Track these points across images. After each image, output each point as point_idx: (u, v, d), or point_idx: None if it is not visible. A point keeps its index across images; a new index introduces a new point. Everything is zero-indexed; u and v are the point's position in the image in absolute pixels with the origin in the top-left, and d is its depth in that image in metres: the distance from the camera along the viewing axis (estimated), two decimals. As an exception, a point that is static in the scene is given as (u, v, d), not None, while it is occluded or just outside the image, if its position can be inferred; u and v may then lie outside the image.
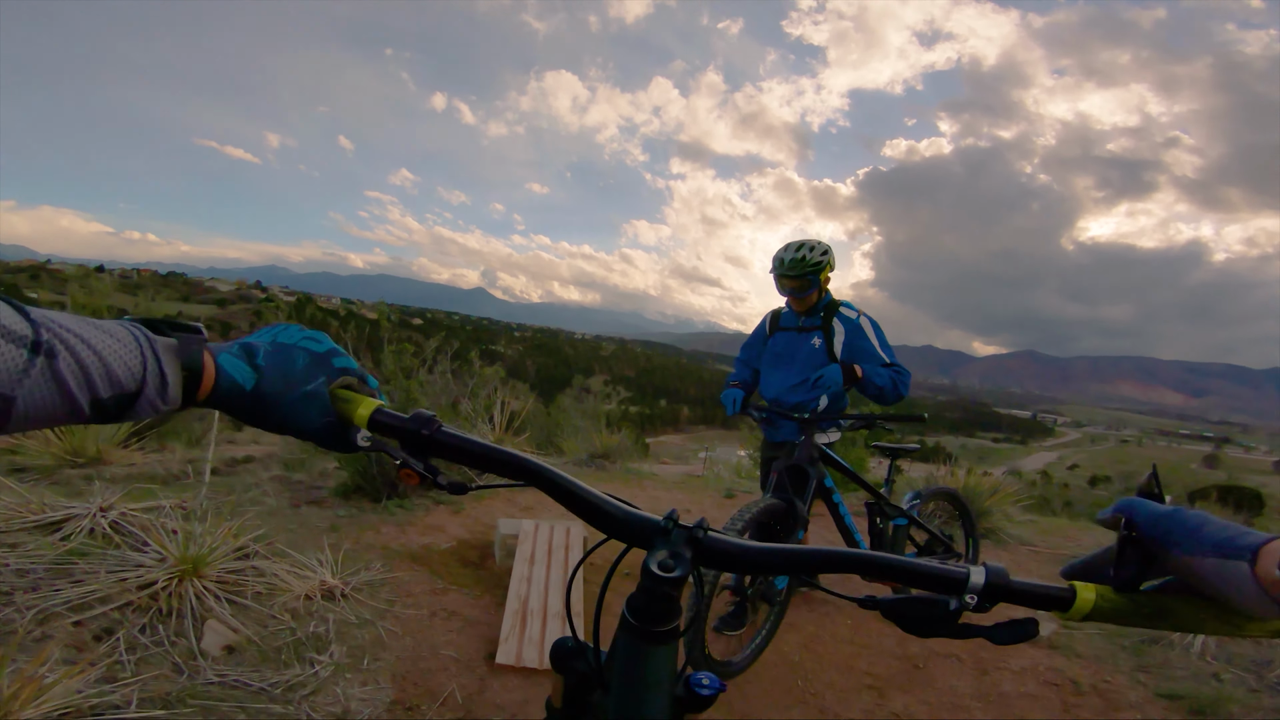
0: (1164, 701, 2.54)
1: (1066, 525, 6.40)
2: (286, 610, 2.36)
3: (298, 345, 0.64)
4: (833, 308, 2.92)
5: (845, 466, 2.80)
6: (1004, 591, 0.56)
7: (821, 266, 2.79)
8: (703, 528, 0.61)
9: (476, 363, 5.39)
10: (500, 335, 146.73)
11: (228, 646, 2.10)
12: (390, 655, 2.31)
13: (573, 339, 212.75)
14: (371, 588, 2.71)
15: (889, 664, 2.76)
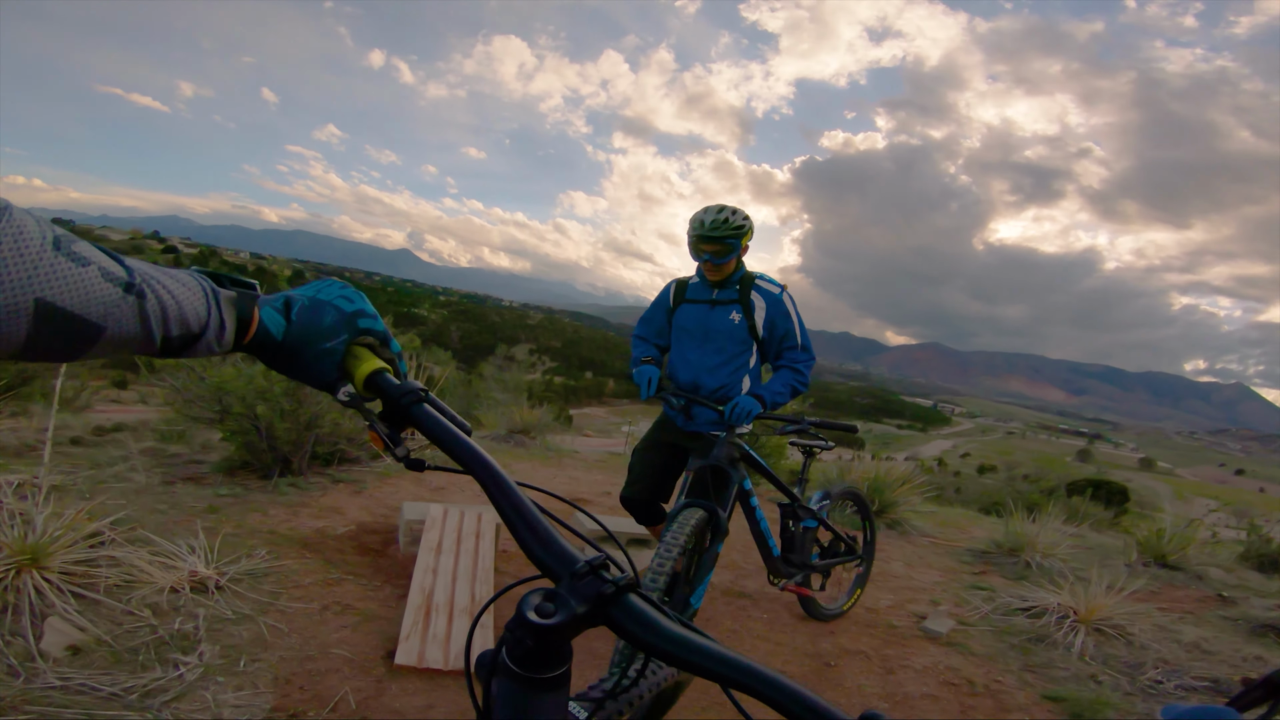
0: (1049, 704, 2.64)
1: (960, 516, 6.75)
2: (146, 605, 2.09)
3: (330, 302, 0.69)
4: (749, 279, 2.70)
5: (765, 467, 2.70)
6: None
7: (744, 231, 2.58)
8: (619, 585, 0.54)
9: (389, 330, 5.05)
10: (424, 299, 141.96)
11: (72, 646, 1.84)
12: (272, 655, 2.08)
13: (500, 306, 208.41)
14: (253, 578, 2.45)
15: (802, 662, 2.77)
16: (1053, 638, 3.15)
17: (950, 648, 3.05)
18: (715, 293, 2.71)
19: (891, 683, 2.71)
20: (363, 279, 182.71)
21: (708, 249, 2.58)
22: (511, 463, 5.25)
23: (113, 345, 0.51)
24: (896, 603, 3.54)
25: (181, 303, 0.56)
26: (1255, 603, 4.11)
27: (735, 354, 2.68)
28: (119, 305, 0.50)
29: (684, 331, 2.76)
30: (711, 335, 2.69)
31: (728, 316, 2.67)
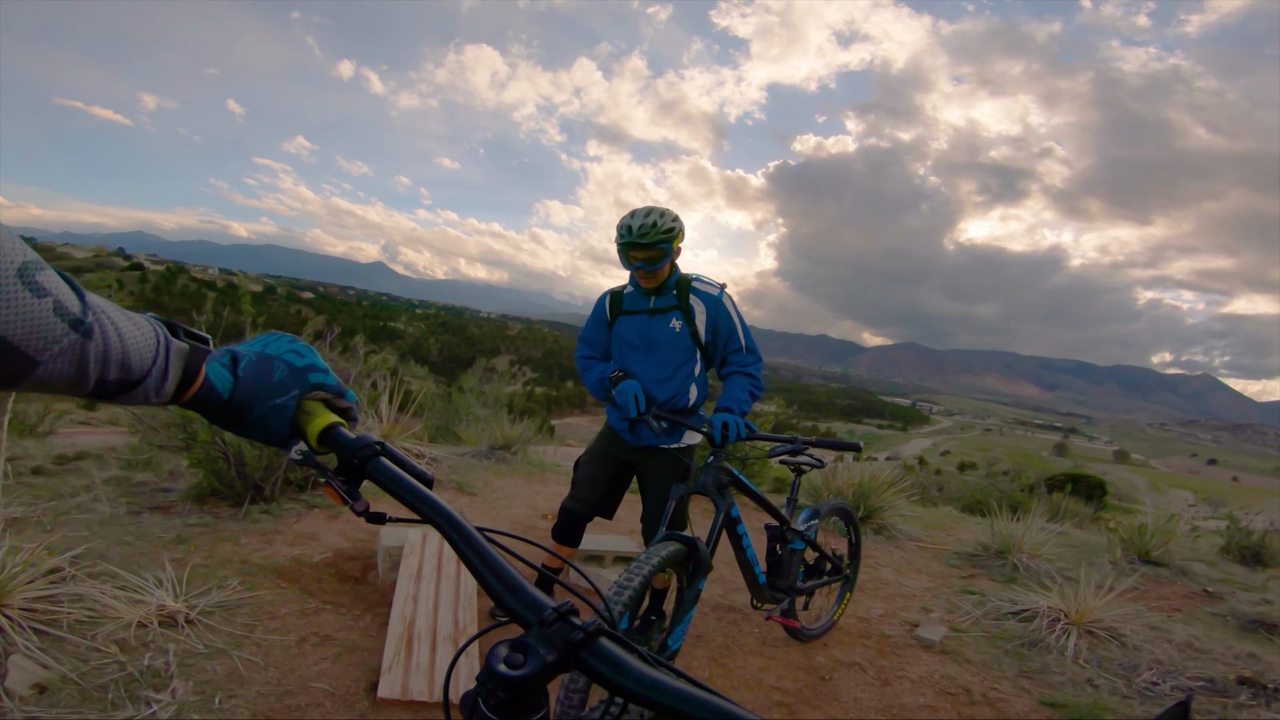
0: (1048, 710, 2.63)
1: (946, 517, 6.76)
2: (113, 641, 1.99)
3: (280, 357, 0.69)
4: (685, 283, 2.57)
5: (755, 491, 2.58)
6: None
7: (674, 234, 2.44)
8: (588, 630, 0.55)
9: (361, 349, 4.90)
10: (401, 312, 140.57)
11: (38, 685, 1.74)
12: (249, 691, 1.99)
13: (479, 318, 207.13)
14: (225, 611, 2.35)
15: (797, 676, 2.73)
16: (1045, 642, 3.14)
17: (945, 656, 3.04)
18: (653, 301, 2.59)
19: (888, 694, 2.68)
20: (337, 293, 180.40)
21: (639, 256, 2.45)
22: (493, 479, 5.16)
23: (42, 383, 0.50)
24: (888, 611, 3.51)
25: (128, 347, 0.55)
26: (1241, 597, 4.14)
27: (681, 363, 2.59)
28: (59, 342, 0.49)
29: (626, 344, 2.65)
30: (655, 346, 2.58)
31: (668, 325, 2.57)
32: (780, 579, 2.67)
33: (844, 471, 5.94)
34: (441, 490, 4.48)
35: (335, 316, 10.43)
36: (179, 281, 79.61)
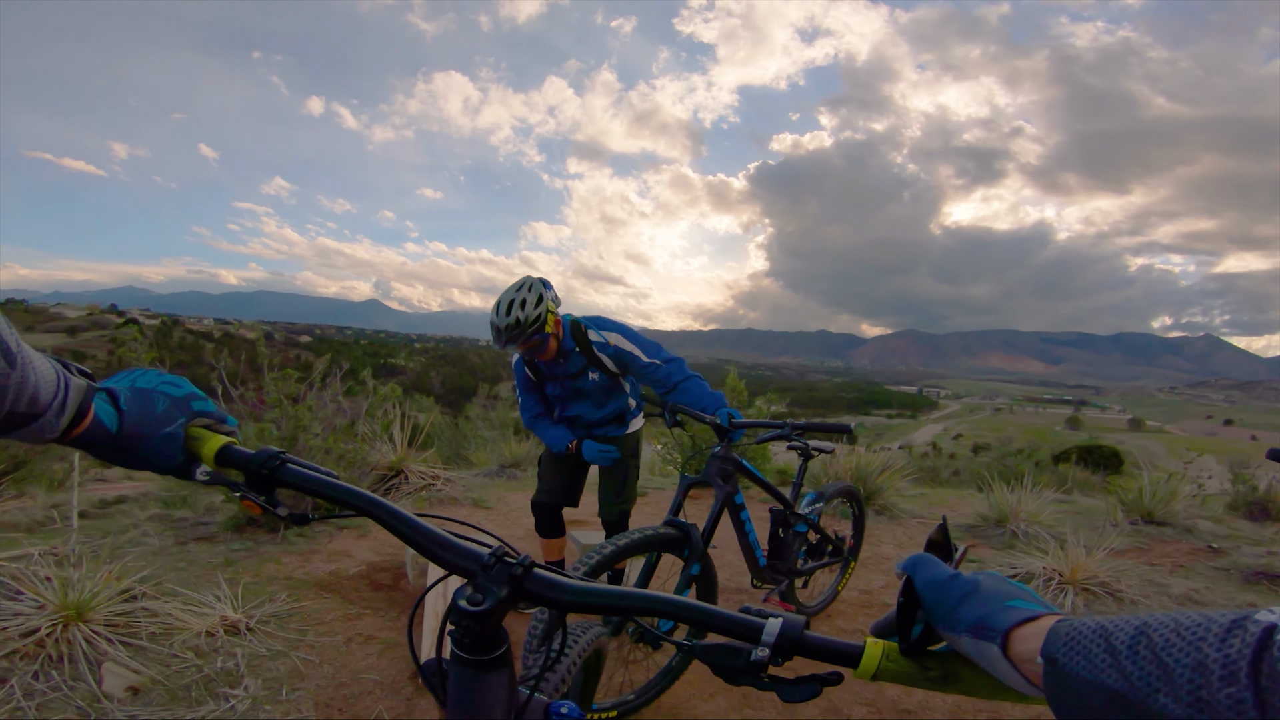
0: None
1: (949, 495, 6.90)
2: (188, 648, 2.23)
3: (157, 390, 0.71)
4: (583, 337, 2.68)
5: (759, 476, 2.73)
6: (796, 645, 0.58)
7: (543, 321, 2.49)
8: (523, 564, 0.64)
9: (370, 382, 5.18)
10: (400, 348, 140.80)
11: (132, 688, 1.97)
12: (310, 684, 2.22)
13: (478, 346, 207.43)
14: (279, 619, 2.59)
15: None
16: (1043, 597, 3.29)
17: None
18: (565, 364, 2.74)
19: None
20: (334, 334, 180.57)
21: (520, 350, 2.59)
22: (505, 494, 5.39)
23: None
24: (889, 583, 3.67)
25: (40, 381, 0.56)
26: (1246, 551, 4.18)
27: (612, 396, 2.85)
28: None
29: (561, 398, 2.89)
30: (584, 393, 2.82)
31: (589, 378, 2.77)
32: (781, 561, 2.75)
33: (843, 459, 6.14)
34: (458, 507, 4.72)
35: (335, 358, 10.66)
36: (175, 335, 79.90)
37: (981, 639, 0.50)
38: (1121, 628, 0.42)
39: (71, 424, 0.61)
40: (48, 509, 3.83)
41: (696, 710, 2.33)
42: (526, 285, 2.52)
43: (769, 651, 0.58)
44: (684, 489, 2.47)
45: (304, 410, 3.77)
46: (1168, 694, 0.37)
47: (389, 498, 4.58)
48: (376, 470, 4.72)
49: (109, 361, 31.27)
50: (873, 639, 0.59)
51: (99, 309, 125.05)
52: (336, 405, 4.56)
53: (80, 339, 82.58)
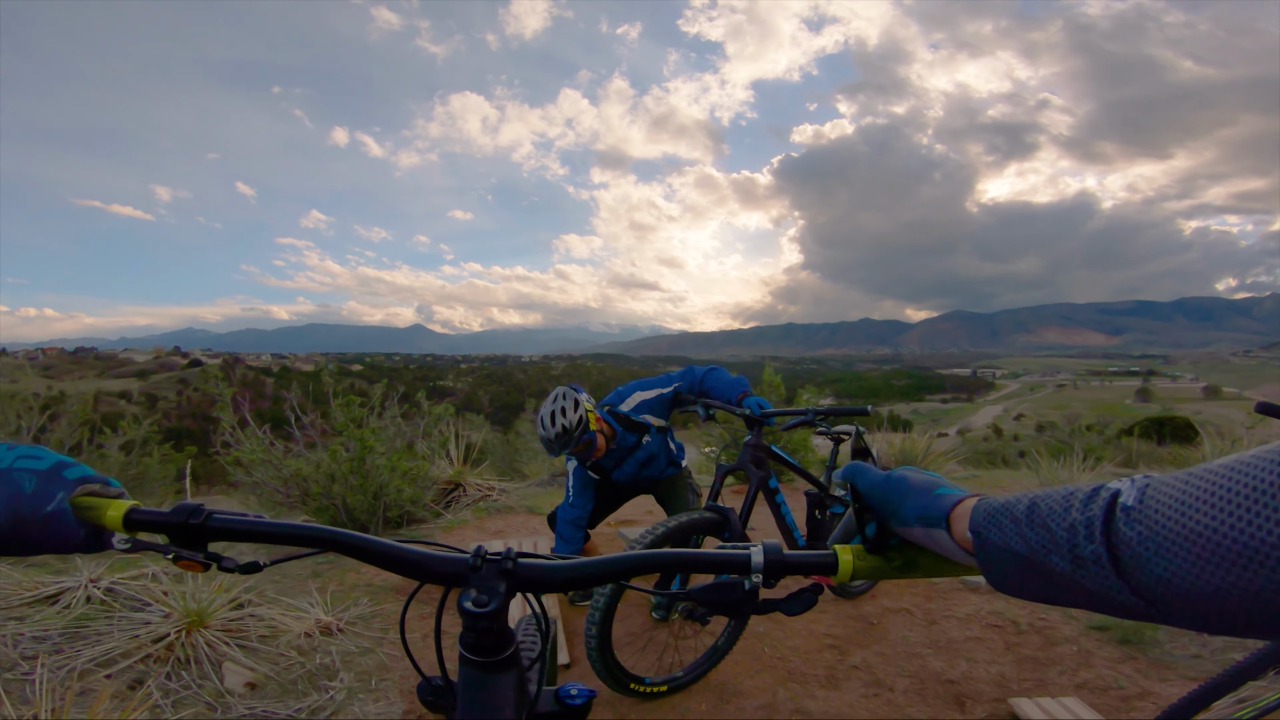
0: (1096, 633, 2.78)
1: (1005, 476, 6.80)
2: (292, 648, 2.54)
3: (14, 468, 0.61)
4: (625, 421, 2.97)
5: (791, 462, 2.88)
6: (781, 566, 0.63)
7: (585, 421, 2.74)
8: (510, 557, 0.65)
9: (425, 403, 5.55)
10: (447, 370, 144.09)
11: (249, 684, 2.28)
12: (394, 675, 2.50)
13: (521, 363, 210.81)
14: (364, 621, 2.89)
15: (847, 624, 3.01)
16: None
17: (993, 595, 3.21)
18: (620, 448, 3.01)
19: (935, 631, 2.91)
20: (383, 361, 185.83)
21: (576, 452, 2.84)
22: (558, 501, 5.67)
23: None
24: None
25: None
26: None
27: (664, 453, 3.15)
28: None
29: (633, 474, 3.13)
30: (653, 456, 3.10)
31: (646, 443, 3.06)
32: (818, 541, 2.87)
33: (890, 444, 6.21)
34: (513, 515, 5.00)
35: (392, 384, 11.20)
36: (238, 372, 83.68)
37: (930, 526, 0.58)
38: (1020, 501, 0.51)
39: None
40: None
41: (742, 685, 2.51)
42: (560, 395, 2.78)
43: (761, 577, 0.63)
44: (721, 476, 2.67)
45: (368, 433, 4.11)
46: (1056, 553, 0.46)
47: (449, 510, 4.90)
48: (437, 485, 5.05)
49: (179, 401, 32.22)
50: (840, 545, 0.66)
51: (164, 351, 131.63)
52: (396, 427, 4.91)
53: (151, 381, 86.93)
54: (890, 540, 0.65)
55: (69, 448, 5.39)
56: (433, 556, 0.66)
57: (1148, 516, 0.41)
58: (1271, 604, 0.36)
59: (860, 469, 0.67)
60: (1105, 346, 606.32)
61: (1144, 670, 2.50)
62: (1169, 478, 0.42)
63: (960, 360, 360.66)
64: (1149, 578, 0.40)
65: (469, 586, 0.63)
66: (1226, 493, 0.37)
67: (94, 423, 5.80)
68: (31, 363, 72.91)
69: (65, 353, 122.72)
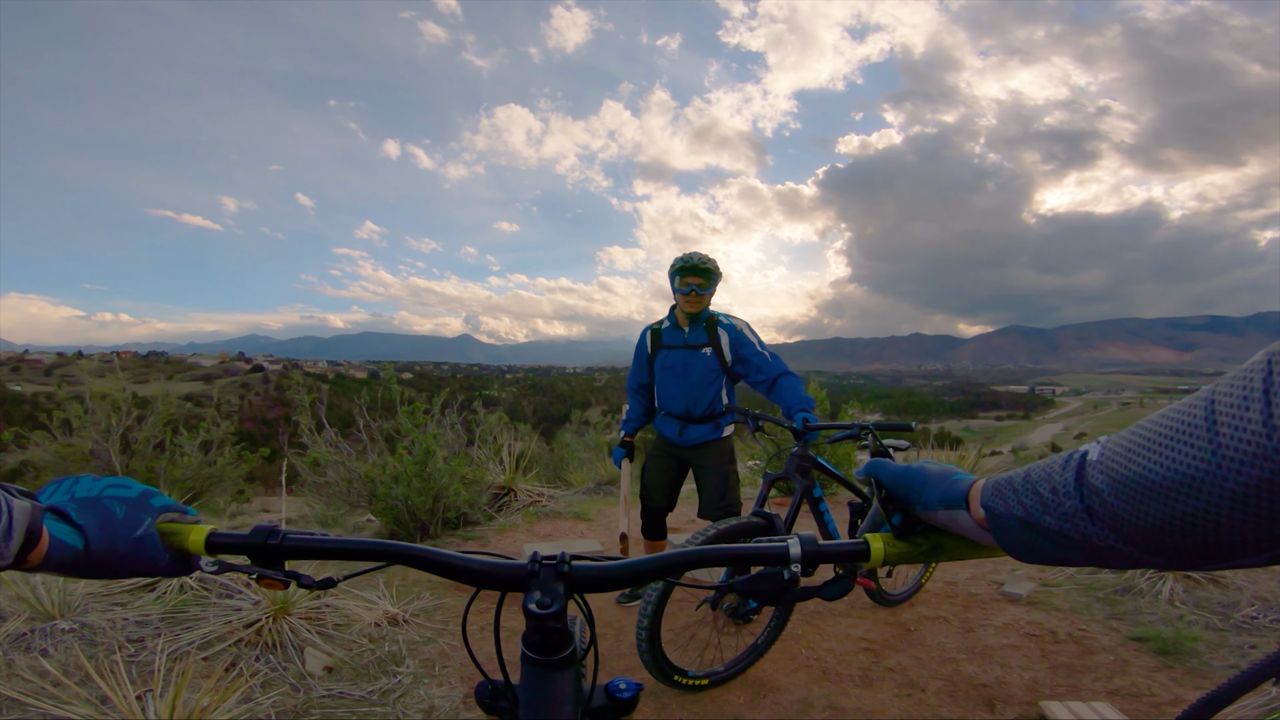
0: (1134, 644, 2.77)
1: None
2: (363, 636, 2.77)
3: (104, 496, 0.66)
4: (713, 321, 3.17)
5: (835, 472, 2.98)
6: (817, 556, 0.68)
7: (717, 271, 3.09)
8: (565, 561, 0.69)
9: (481, 411, 5.81)
10: (493, 380, 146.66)
11: (328, 667, 2.50)
12: (455, 663, 2.70)
13: (565, 374, 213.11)
14: (427, 613, 3.10)
15: (883, 629, 3.08)
16: (1139, 587, 3.25)
17: (1032, 606, 3.23)
18: (688, 335, 3.20)
19: (971, 639, 2.94)
20: (431, 370, 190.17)
21: (694, 280, 3.06)
22: (604, 509, 5.83)
23: None
24: (976, 575, 3.74)
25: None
26: None
27: (712, 382, 3.18)
28: None
29: (668, 371, 3.26)
30: (691, 370, 3.19)
31: (701, 353, 3.17)
32: None
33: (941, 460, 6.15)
34: (562, 520, 5.19)
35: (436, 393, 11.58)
36: (293, 377, 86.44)
37: (952, 508, 0.64)
38: (1016, 474, 0.58)
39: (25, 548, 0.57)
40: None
41: (779, 682, 2.63)
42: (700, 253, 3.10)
43: (800, 566, 0.68)
44: (768, 484, 2.82)
45: (430, 437, 4.35)
46: (1048, 513, 0.52)
47: (501, 514, 5.12)
48: (491, 489, 5.27)
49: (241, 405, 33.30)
50: (870, 534, 0.72)
51: (229, 357, 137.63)
52: (455, 433, 5.16)
53: (216, 385, 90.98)
54: (916, 527, 0.70)
55: (154, 445, 5.82)
56: (493, 564, 0.71)
57: (1107, 467, 0.48)
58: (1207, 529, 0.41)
59: (881, 464, 0.74)
60: (1175, 363, 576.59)
61: (1179, 679, 2.50)
62: (1125, 430, 0.49)
63: (1017, 377, 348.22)
64: (1117, 522, 0.46)
65: (530, 590, 0.68)
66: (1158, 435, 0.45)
67: (175, 424, 6.22)
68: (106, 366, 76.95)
69: (138, 356, 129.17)
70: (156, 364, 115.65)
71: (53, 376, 79.74)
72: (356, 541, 0.72)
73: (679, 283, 3.10)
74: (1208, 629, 2.82)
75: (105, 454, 5.33)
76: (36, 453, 5.44)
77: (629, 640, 3.02)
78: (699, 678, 2.49)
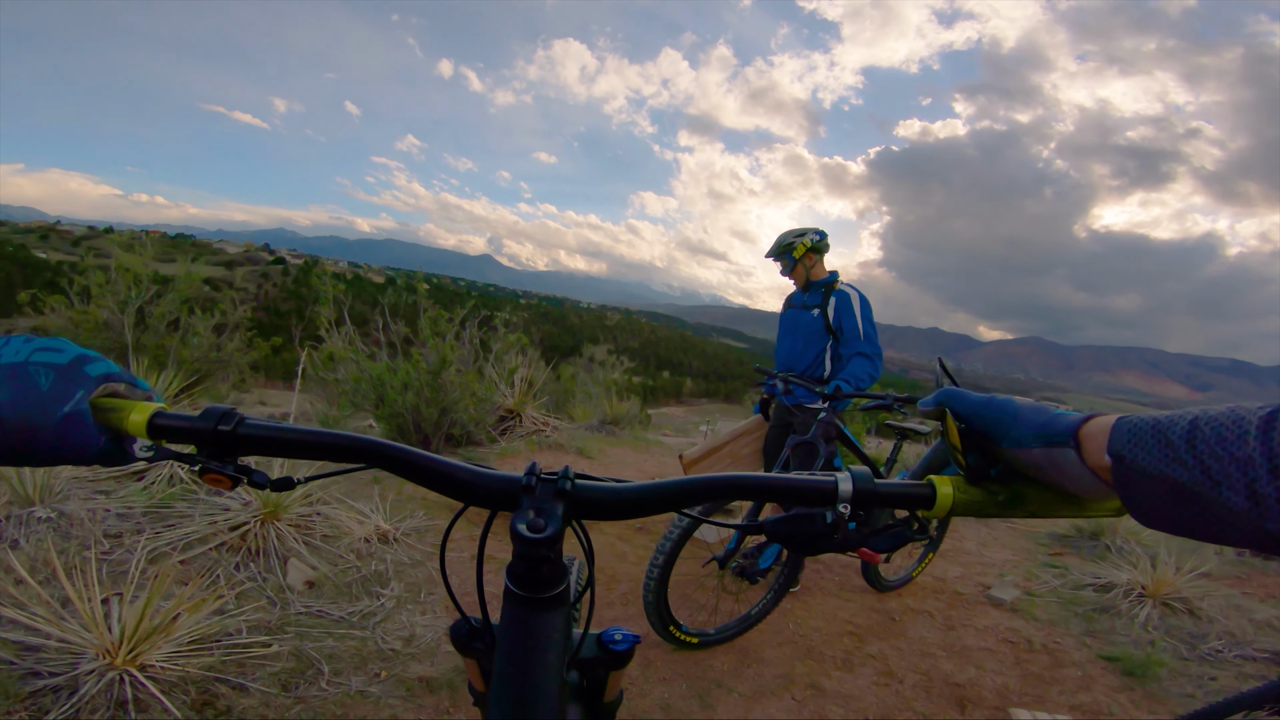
0: (1103, 663, 2.81)
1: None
2: (351, 551, 2.75)
3: (30, 362, 0.53)
4: (831, 286, 3.31)
5: (857, 445, 3.01)
6: (871, 497, 0.56)
7: (793, 246, 3.30)
8: (569, 476, 0.57)
9: (501, 329, 5.71)
10: (506, 302, 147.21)
11: (309, 582, 2.48)
12: (442, 590, 2.68)
13: (578, 308, 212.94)
14: (418, 533, 3.09)
15: (869, 615, 3.11)
16: (1118, 608, 3.29)
17: (1014, 613, 3.27)
18: (805, 297, 3.40)
19: (952, 637, 2.98)
20: (449, 284, 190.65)
21: (779, 262, 3.41)
22: (606, 448, 5.81)
23: None
24: (964, 575, 3.78)
25: None
26: None
27: (813, 342, 3.31)
28: None
29: (783, 328, 3.52)
30: (799, 329, 3.38)
31: (810, 314, 3.33)
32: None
33: (915, 457, 6.10)
34: (564, 453, 5.17)
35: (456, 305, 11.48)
36: (313, 274, 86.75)
37: (1053, 446, 0.49)
38: (1176, 422, 0.43)
39: None
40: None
41: (764, 654, 2.64)
42: (799, 229, 3.38)
43: (849, 507, 0.56)
44: (792, 447, 2.79)
45: (447, 347, 4.27)
46: (1228, 487, 0.39)
47: (505, 437, 5.08)
48: (499, 410, 5.23)
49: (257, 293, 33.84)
50: (937, 477, 0.57)
51: (254, 246, 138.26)
52: (474, 347, 5.10)
53: (235, 272, 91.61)
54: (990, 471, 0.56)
55: (168, 323, 5.80)
56: (482, 474, 0.58)
57: None
58: None
59: (956, 393, 0.58)
60: (1187, 401, 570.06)
61: (1137, 701, 2.56)
62: None
63: (1024, 388, 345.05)
64: None
65: (523, 508, 0.54)
66: None
67: (192, 304, 6.18)
68: (135, 241, 77.36)
69: (166, 237, 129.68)
70: (183, 245, 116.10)
71: (80, 247, 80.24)
72: (326, 434, 0.58)
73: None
74: (1174, 656, 2.87)
75: (119, 325, 5.32)
76: (51, 318, 5.42)
77: (619, 588, 3.01)
78: (690, 635, 2.52)
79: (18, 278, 65.06)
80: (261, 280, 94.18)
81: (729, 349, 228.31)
